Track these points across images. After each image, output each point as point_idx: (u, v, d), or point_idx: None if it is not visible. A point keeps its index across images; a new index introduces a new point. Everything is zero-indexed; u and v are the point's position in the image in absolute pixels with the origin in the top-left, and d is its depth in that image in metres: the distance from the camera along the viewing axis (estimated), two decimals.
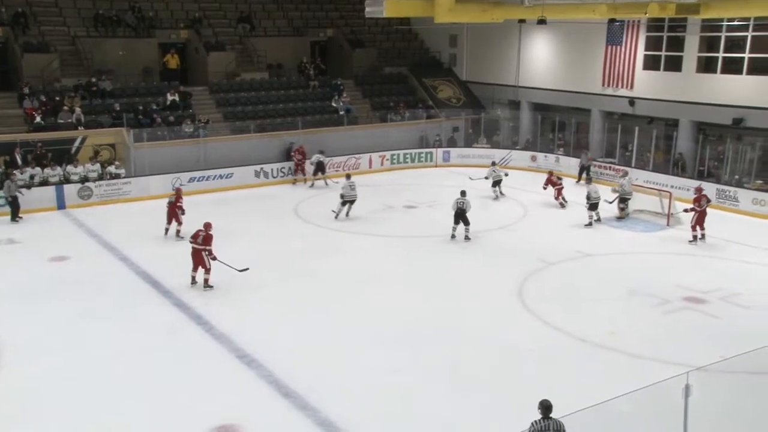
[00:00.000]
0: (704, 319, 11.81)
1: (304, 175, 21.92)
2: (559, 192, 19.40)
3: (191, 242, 12.75)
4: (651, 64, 22.35)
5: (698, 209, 15.96)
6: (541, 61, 25.86)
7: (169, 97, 23.35)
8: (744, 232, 17.02)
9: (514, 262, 14.56)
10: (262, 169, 22.38)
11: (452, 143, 26.08)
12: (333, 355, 10.57)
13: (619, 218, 17.93)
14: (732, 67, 20.29)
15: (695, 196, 16.36)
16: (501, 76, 27.08)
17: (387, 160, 24.44)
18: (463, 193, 16.17)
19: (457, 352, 10.65)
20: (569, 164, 23.71)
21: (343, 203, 17.66)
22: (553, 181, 19.71)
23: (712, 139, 21.37)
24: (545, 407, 7.03)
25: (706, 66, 21.06)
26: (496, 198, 20.20)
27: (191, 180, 21.20)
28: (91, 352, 10.71)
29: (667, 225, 17.28)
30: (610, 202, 17.75)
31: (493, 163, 21.13)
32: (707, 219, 16.28)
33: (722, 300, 12.65)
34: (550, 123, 25.39)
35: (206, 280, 12.73)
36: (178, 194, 16.29)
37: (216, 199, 20.24)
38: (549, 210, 19.08)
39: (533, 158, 24.29)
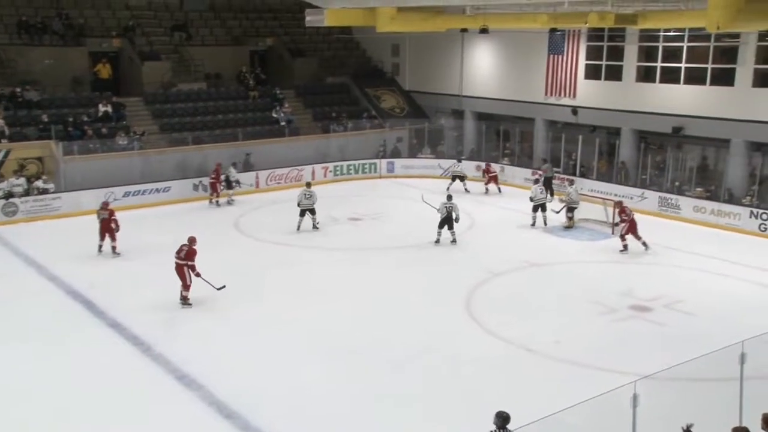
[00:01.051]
0: (649, 326, 12.00)
1: (218, 193, 21.28)
2: (492, 179, 20.97)
3: (175, 257, 12.57)
4: (592, 73, 22.58)
5: (626, 219, 16.24)
6: (484, 70, 25.99)
7: (101, 108, 22.86)
8: (686, 239, 17.26)
9: (460, 273, 14.62)
10: (200, 182, 21.92)
11: (396, 154, 26.08)
12: (275, 372, 10.47)
13: (567, 227, 18.11)
14: (670, 76, 20.56)
15: (618, 210, 16.76)
16: (444, 86, 27.19)
17: (330, 171, 24.35)
18: (449, 198, 16.43)
19: (401, 363, 10.69)
20: (514, 174, 23.89)
21: (301, 213, 17.59)
22: (489, 169, 21.44)
23: (654, 147, 21.65)
24: (502, 418, 7.01)
25: (646, 75, 21.30)
26: (467, 191, 21.22)
27: (126, 194, 20.74)
28: (16, 377, 10.45)
29: (612, 234, 17.37)
30: (557, 212, 18.06)
31: (459, 161, 22.27)
32: (645, 227, 16.57)
33: (666, 307, 12.85)
34: (494, 132, 25.56)
35: (185, 297, 12.62)
36: (107, 208, 15.92)
37: (153, 214, 19.93)
38: (496, 220, 19.23)
39: (478, 168, 24.20)
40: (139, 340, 11.50)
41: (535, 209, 18.07)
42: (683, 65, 20.38)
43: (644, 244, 16.25)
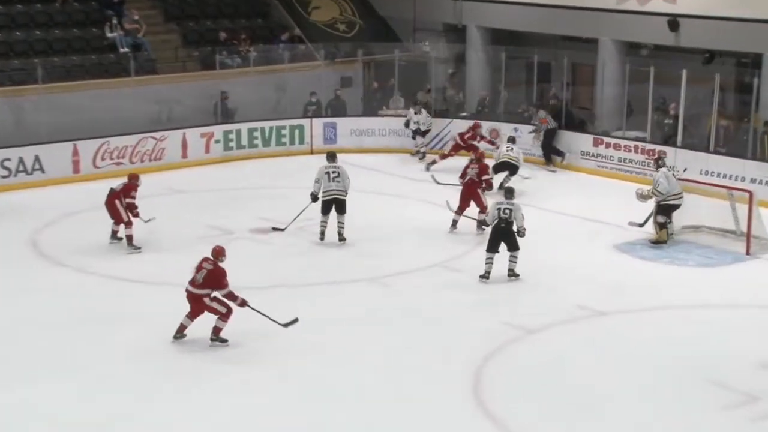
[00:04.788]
0: None
1: None
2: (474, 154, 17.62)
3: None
4: None
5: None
6: None
7: None
8: None
9: (466, 328, 11.88)
10: None
11: (339, 109, 21.65)
12: None
13: (658, 242, 14.73)
14: None
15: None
16: None
17: (217, 142, 19.91)
18: (509, 193, 13.93)
19: None
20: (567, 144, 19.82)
21: (324, 208, 15.09)
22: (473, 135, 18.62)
23: None
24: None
25: None
26: (430, 164, 18.94)
27: None
28: None
29: (747, 254, 14.18)
30: (641, 225, 15.14)
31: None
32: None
33: None
34: (522, 67, 21.53)
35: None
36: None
37: None
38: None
39: (494, 134, 19.83)
40: None
41: (498, 169, 17.12)
42: None
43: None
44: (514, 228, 12.98)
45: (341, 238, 14.56)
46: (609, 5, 19.94)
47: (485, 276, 13.19)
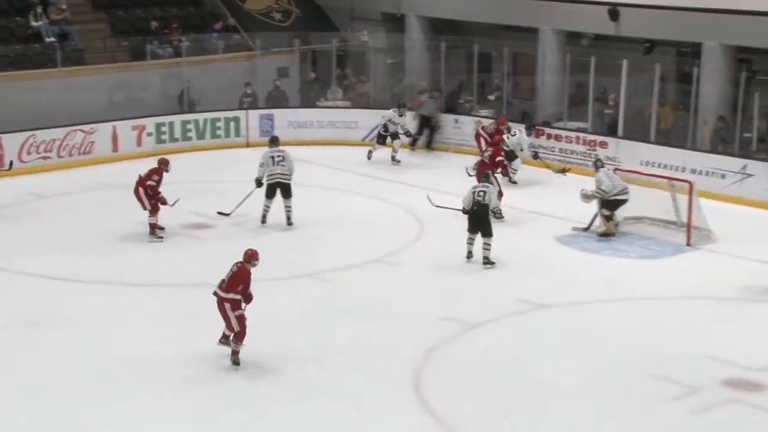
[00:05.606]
0: (765, 418, 9.84)
1: None
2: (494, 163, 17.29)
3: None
4: None
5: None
6: None
7: None
8: None
9: (405, 323, 11.85)
10: None
11: (279, 101, 21.63)
12: None
13: (605, 234, 14.91)
14: None
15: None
16: None
17: (149, 134, 19.79)
18: (485, 177, 14.44)
19: None
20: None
21: (269, 191, 15.22)
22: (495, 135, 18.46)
23: (763, 78, 17.96)
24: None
25: None
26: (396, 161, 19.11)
27: None
28: None
29: (688, 245, 14.44)
30: (585, 229, 15.14)
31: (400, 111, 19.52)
32: (748, 230, 14.89)
33: None
34: (462, 57, 21.43)
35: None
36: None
37: None
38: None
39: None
40: None
41: (381, 138, 18.45)
42: None
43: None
44: (491, 207, 13.48)
45: (289, 222, 14.68)
46: None
47: (468, 256, 13.73)
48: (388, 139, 19.08)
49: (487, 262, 13.60)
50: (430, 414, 9.47)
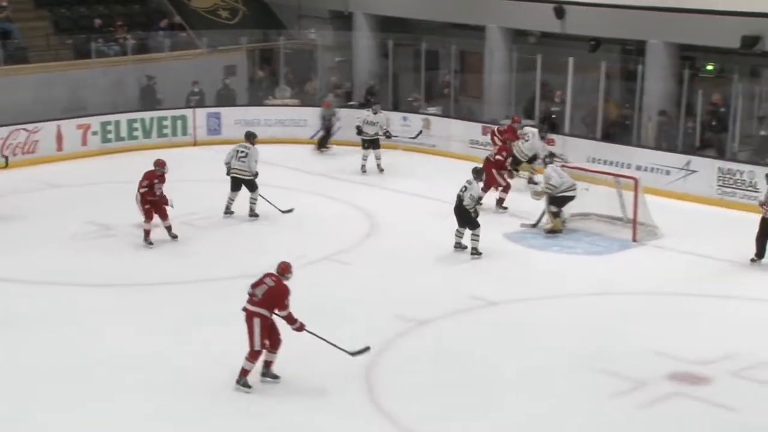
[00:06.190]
0: (707, 411, 9.79)
1: None
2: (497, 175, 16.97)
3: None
4: None
5: None
6: None
7: None
8: None
9: (355, 322, 11.72)
10: None
11: (228, 99, 21.60)
12: None
13: (552, 231, 14.90)
14: None
15: None
16: None
17: (94, 133, 19.60)
18: (476, 172, 14.26)
19: None
20: (450, 132, 19.73)
21: (234, 185, 15.60)
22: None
23: (706, 75, 18.14)
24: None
25: None
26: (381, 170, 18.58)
27: None
28: None
29: (634, 240, 14.62)
30: (534, 225, 15.18)
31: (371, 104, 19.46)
32: (691, 223, 15.30)
33: (735, 375, 10.49)
34: (410, 55, 21.55)
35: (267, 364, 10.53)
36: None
37: None
38: (421, 218, 15.87)
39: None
40: None
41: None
42: None
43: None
44: (466, 204, 13.70)
45: (251, 214, 14.87)
46: None
47: (455, 246, 14.00)
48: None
49: (474, 252, 13.78)
50: (382, 414, 9.42)
